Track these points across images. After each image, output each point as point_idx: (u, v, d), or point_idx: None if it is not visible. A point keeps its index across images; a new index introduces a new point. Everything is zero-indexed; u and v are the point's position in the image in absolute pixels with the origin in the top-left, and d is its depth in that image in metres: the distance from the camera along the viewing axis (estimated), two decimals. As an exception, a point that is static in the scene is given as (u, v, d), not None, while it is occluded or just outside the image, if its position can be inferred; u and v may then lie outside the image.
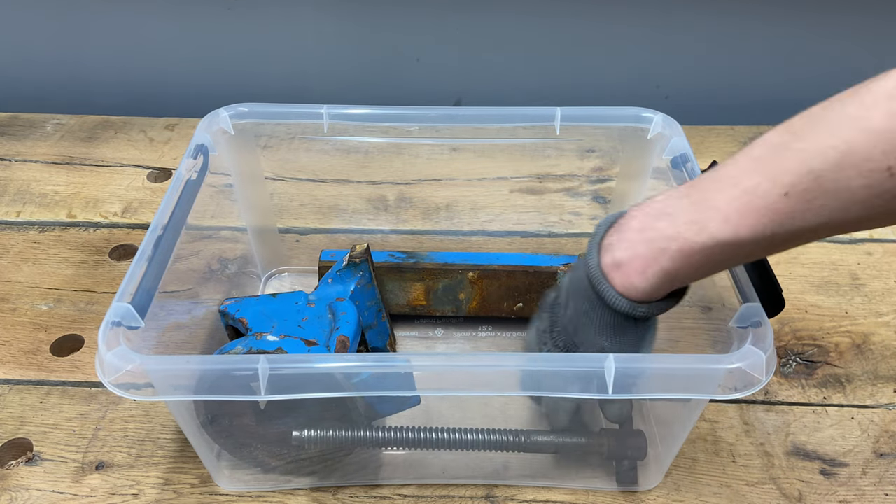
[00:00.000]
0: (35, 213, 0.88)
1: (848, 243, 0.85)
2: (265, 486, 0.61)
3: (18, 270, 0.81)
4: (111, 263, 0.82)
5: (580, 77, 1.10)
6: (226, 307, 0.65)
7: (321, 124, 0.70)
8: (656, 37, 1.06)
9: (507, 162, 0.82)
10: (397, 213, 0.85)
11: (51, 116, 1.05)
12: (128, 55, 1.09)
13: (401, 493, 0.61)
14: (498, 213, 0.84)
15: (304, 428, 0.56)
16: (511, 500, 0.60)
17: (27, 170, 0.95)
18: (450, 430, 0.58)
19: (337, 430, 0.57)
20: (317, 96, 1.08)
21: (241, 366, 0.48)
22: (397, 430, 0.57)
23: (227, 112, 0.69)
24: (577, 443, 0.58)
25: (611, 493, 0.61)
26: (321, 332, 0.61)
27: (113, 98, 1.13)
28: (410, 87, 1.11)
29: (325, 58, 1.09)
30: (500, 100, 1.11)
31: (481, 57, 1.08)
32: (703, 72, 1.09)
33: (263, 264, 0.81)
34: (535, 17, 1.04)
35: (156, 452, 0.63)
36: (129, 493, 0.60)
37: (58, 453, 0.63)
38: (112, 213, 0.88)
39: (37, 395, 0.68)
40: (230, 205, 0.74)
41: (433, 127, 0.71)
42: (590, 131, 0.71)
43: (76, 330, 0.74)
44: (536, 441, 0.58)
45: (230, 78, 1.11)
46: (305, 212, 0.83)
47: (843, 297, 0.78)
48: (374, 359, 0.50)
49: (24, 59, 1.11)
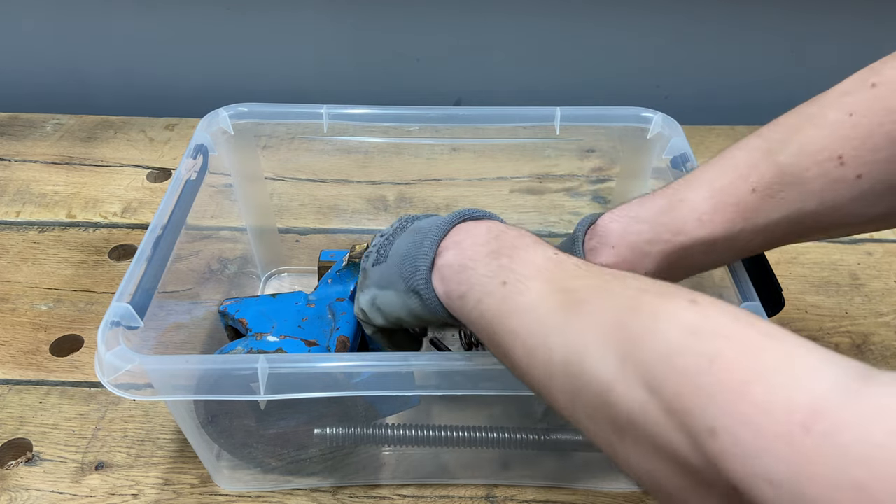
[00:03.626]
0: (35, 213, 0.88)
1: (848, 243, 0.85)
2: (265, 486, 0.61)
3: (18, 270, 0.80)
4: (111, 263, 0.82)
5: (580, 77, 1.10)
6: (225, 307, 0.65)
7: (321, 124, 0.70)
8: (656, 37, 1.06)
9: (507, 162, 0.82)
10: (397, 213, 0.84)
11: (50, 116, 1.05)
12: (128, 55, 1.09)
13: (401, 493, 0.61)
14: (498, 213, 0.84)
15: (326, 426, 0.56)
16: (511, 500, 0.60)
17: (27, 170, 0.95)
18: (471, 429, 0.57)
19: (358, 428, 0.57)
20: (317, 96, 1.08)
21: (241, 366, 0.48)
22: (419, 428, 0.57)
23: (226, 112, 0.69)
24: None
25: (611, 493, 0.61)
26: (321, 332, 0.61)
27: (113, 98, 1.13)
28: (410, 87, 1.11)
29: (325, 58, 1.09)
30: (500, 100, 1.11)
31: (481, 57, 1.08)
32: (703, 72, 1.09)
33: (263, 264, 0.81)
34: (535, 18, 1.04)
35: (155, 452, 0.63)
36: (128, 494, 0.60)
37: (57, 453, 0.63)
38: (112, 213, 0.88)
39: (36, 395, 0.68)
40: (230, 205, 0.74)
41: (433, 127, 0.71)
42: (590, 131, 0.71)
43: (76, 330, 0.74)
44: (557, 439, 0.58)
45: (230, 78, 1.11)
46: (305, 212, 0.83)
47: (843, 297, 0.78)
48: (374, 359, 0.50)
49: (24, 59, 1.11)
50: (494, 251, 0.43)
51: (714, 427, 0.27)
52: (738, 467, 0.26)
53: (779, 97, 1.09)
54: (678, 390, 0.29)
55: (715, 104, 1.11)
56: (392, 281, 0.47)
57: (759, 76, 1.09)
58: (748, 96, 1.10)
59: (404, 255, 0.47)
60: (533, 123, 0.70)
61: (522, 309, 0.38)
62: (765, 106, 1.10)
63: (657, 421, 0.29)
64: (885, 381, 0.25)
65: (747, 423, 0.26)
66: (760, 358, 0.28)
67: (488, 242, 0.44)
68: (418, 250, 0.46)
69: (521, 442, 0.57)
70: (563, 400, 0.35)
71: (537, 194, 0.85)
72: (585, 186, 0.87)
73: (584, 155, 0.84)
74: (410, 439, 0.57)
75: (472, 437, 0.57)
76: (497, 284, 0.40)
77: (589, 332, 0.34)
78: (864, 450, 0.23)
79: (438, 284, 0.44)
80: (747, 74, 1.09)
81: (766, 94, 1.10)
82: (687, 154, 0.65)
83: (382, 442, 0.58)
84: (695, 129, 1.00)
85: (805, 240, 0.49)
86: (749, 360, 0.28)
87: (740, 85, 1.10)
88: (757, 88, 1.10)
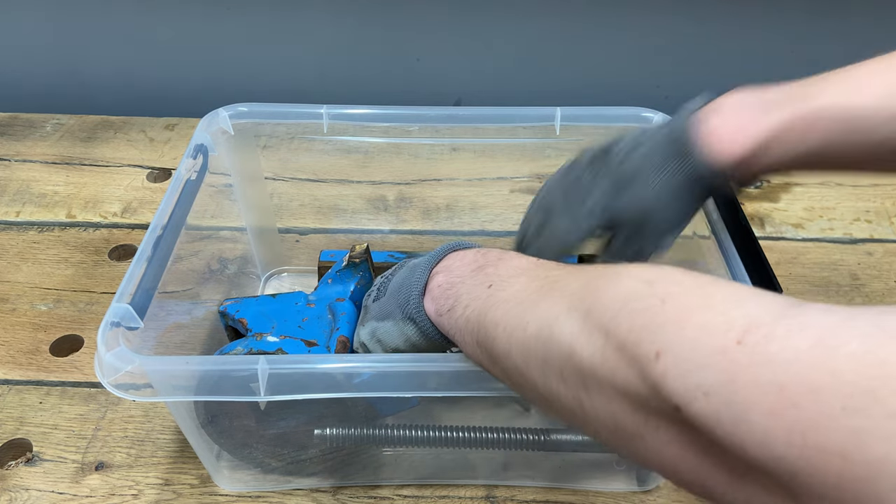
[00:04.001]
0: (34, 213, 0.88)
1: (848, 243, 0.85)
2: (265, 487, 0.61)
3: (18, 270, 0.80)
4: (110, 264, 0.82)
5: (580, 77, 1.10)
6: (225, 307, 0.65)
7: (321, 124, 0.70)
8: (656, 37, 1.06)
9: (507, 162, 0.82)
10: (397, 213, 0.84)
11: (50, 116, 1.05)
12: (127, 55, 1.09)
13: (401, 493, 0.61)
14: (498, 213, 0.84)
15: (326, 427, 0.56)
16: (511, 500, 0.60)
17: (27, 170, 0.95)
18: (471, 429, 0.57)
19: (358, 429, 0.57)
20: (317, 96, 1.08)
21: (241, 366, 0.48)
22: (419, 428, 0.57)
23: (226, 112, 0.69)
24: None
25: (611, 493, 0.61)
26: (321, 332, 0.61)
27: (113, 98, 1.13)
28: (410, 87, 1.11)
29: (325, 58, 1.09)
30: (500, 100, 1.11)
31: (481, 57, 1.08)
32: (703, 72, 1.09)
33: (263, 264, 0.81)
34: (535, 18, 1.04)
35: (155, 453, 0.63)
36: (128, 494, 0.60)
37: (57, 454, 0.63)
38: (111, 214, 0.88)
39: (36, 395, 0.68)
40: (230, 205, 0.74)
41: (433, 127, 0.71)
42: (590, 131, 0.71)
43: (75, 330, 0.74)
44: (557, 439, 0.58)
45: (230, 78, 1.11)
46: (305, 212, 0.83)
47: (843, 297, 0.78)
48: (374, 359, 0.50)
49: (24, 59, 1.11)
50: (481, 266, 0.45)
51: (658, 350, 0.29)
52: (679, 384, 0.28)
53: (779, 97, 1.09)
54: (630, 327, 0.31)
55: (715, 104, 1.10)
56: (390, 311, 0.49)
57: (759, 76, 1.08)
58: (748, 96, 1.10)
59: (399, 286, 0.49)
60: (533, 123, 0.70)
61: (505, 300, 0.40)
62: (765, 106, 1.10)
63: (610, 359, 0.32)
64: (815, 307, 0.27)
65: (688, 341, 0.29)
66: (707, 293, 0.31)
67: (475, 261, 0.46)
68: (411, 279, 0.48)
69: (521, 442, 0.57)
70: (537, 374, 0.36)
71: (537, 194, 0.85)
72: (585, 186, 0.87)
73: (584, 155, 0.84)
74: (410, 439, 0.57)
75: (472, 437, 0.57)
76: (483, 288, 0.42)
77: (559, 302, 0.36)
78: (788, 356, 0.26)
79: (430, 305, 0.46)
80: (747, 74, 1.09)
81: (766, 94, 1.10)
82: (687, 154, 0.65)
83: (382, 442, 0.58)
84: (695, 129, 1.00)
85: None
86: (696, 297, 0.31)
87: (740, 85, 1.10)
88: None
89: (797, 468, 0.25)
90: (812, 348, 0.25)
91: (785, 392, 0.25)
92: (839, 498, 0.24)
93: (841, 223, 0.88)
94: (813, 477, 0.24)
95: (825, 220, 0.88)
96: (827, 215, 0.89)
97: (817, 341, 0.25)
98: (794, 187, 0.93)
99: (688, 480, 0.31)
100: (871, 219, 0.88)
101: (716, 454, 0.28)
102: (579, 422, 0.36)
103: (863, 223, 0.88)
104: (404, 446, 0.59)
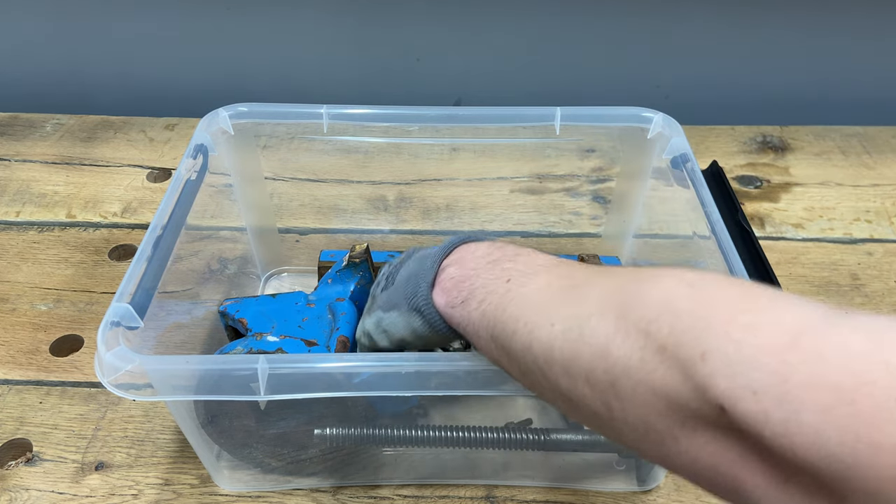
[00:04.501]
0: (34, 213, 0.88)
1: (848, 243, 0.85)
2: (265, 486, 0.61)
3: (18, 270, 0.80)
4: (110, 263, 0.82)
5: (580, 77, 1.10)
6: (225, 307, 0.65)
7: (321, 124, 0.70)
8: (656, 37, 1.06)
9: (507, 162, 0.82)
10: (397, 213, 0.84)
11: (50, 116, 1.05)
12: (127, 55, 1.09)
13: (401, 493, 0.61)
14: (498, 213, 0.84)
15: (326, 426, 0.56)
16: (511, 500, 0.60)
17: (27, 170, 0.95)
18: (471, 429, 0.57)
19: (358, 429, 0.57)
20: (317, 96, 1.08)
21: (241, 366, 0.48)
22: (419, 428, 0.57)
23: (226, 112, 0.69)
24: (597, 441, 0.58)
25: (611, 493, 0.61)
26: (321, 332, 0.61)
27: (113, 98, 1.13)
28: (410, 87, 1.11)
29: (325, 58, 1.09)
30: (500, 100, 1.11)
31: (481, 57, 1.08)
32: (703, 72, 1.09)
33: (263, 264, 0.81)
34: (535, 18, 1.04)
35: (155, 453, 0.63)
36: (128, 494, 0.60)
37: (57, 453, 0.63)
38: (111, 213, 0.88)
39: (36, 395, 0.68)
40: (230, 205, 0.74)
41: (433, 127, 0.71)
42: (590, 131, 0.71)
43: (75, 330, 0.74)
44: (557, 439, 0.58)
45: (230, 78, 1.11)
46: (305, 212, 0.83)
47: (843, 297, 0.78)
48: (374, 359, 0.50)
49: (24, 59, 1.11)
50: (496, 260, 0.44)
51: (705, 351, 0.29)
52: (726, 383, 0.28)
53: (779, 97, 1.09)
54: (674, 328, 0.31)
55: (715, 104, 1.11)
56: (396, 302, 0.49)
57: (759, 76, 1.09)
58: (748, 96, 1.10)
59: (408, 277, 0.49)
60: (533, 123, 0.70)
61: (527, 295, 0.40)
62: (765, 106, 1.11)
63: (650, 360, 0.31)
64: (862, 314, 0.28)
65: (737, 341, 0.29)
66: (752, 296, 0.31)
67: (490, 254, 0.45)
68: (420, 271, 0.47)
69: (521, 442, 0.57)
70: (559, 372, 0.36)
71: (537, 194, 0.85)
72: (585, 186, 0.87)
73: (585, 155, 0.84)
74: (410, 439, 0.57)
75: (472, 437, 0.57)
76: (501, 283, 0.42)
77: (591, 300, 0.36)
78: (842, 355, 0.26)
79: (439, 297, 0.46)
80: (747, 74, 1.09)
81: (766, 94, 1.10)
82: (687, 154, 0.65)
83: (382, 442, 0.58)
84: (695, 129, 1.00)
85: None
86: (743, 300, 0.31)
87: (740, 85, 1.10)
88: (757, 88, 1.10)
89: (848, 465, 0.25)
90: (866, 347, 0.26)
91: (839, 390, 0.25)
92: (891, 495, 0.24)
93: (841, 223, 0.88)
94: (866, 474, 0.24)
95: (825, 220, 0.88)
96: (827, 215, 0.89)
97: (870, 341, 0.26)
98: (794, 187, 0.93)
99: (722, 485, 0.31)
100: (871, 219, 0.88)
101: (757, 457, 0.28)
102: (603, 423, 0.35)
103: (863, 223, 0.88)
104: (404, 446, 0.59)
